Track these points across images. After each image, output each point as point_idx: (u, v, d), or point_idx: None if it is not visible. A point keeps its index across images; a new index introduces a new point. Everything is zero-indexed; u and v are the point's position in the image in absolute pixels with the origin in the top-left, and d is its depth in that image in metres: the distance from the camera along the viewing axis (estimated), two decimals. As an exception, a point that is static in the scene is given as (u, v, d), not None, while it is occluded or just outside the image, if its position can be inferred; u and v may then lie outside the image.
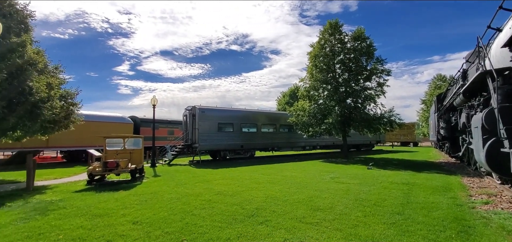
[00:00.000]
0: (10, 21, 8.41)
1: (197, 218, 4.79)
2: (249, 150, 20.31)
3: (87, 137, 16.64)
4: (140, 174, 10.13)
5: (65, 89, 10.41)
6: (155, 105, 15.81)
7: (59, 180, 9.78)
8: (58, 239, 3.84)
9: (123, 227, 4.34)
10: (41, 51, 9.89)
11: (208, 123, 17.97)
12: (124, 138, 10.35)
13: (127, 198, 6.43)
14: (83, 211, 5.26)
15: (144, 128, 21.90)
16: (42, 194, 6.94)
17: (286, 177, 9.71)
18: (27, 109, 8.31)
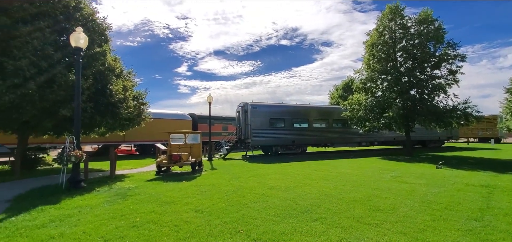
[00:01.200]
0: (93, 34, 9.88)
1: (252, 210, 4.99)
2: (300, 145, 20.06)
3: (155, 132, 18.64)
4: (199, 166, 10.95)
5: (137, 91, 11.84)
6: (211, 103, 16.82)
7: (134, 170, 11.22)
8: (136, 220, 4.45)
9: (187, 214, 4.78)
10: (117, 58, 11.44)
11: (259, 118, 18.33)
12: (185, 134, 11.31)
13: (189, 189, 7.03)
14: (154, 198, 5.96)
15: (201, 124, 23.49)
16: (122, 181, 8.08)
17: (341, 174, 9.33)
18: (108, 109, 9.74)
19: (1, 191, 6.71)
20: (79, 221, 4.45)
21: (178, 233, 3.89)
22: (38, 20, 8.66)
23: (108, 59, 10.41)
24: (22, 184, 7.64)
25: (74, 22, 9.51)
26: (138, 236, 3.77)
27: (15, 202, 5.73)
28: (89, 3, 10.78)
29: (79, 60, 7.14)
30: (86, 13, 10.19)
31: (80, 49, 7.18)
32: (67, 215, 4.77)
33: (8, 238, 3.72)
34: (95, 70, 9.51)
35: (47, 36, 8.43)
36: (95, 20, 10.50)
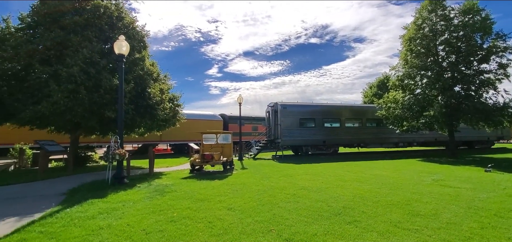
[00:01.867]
0: (133, 41, 10.63)
1: (283, 210, 5.01)
2: (332, 145, 19.54)
3: (188, 132, 19.48)
4: (230, 166, 11.20)
5: (172, 93, 12.49)
6: (241, 103, 17.11)
7: (170, 168, 11.85)
8: (173, 215, 4.72)
9: (220, 212, 4.95)
10: (154, 63, 12.16)
11: (289, 118, 18.22)
12: (216, 134, 11.66)
13: (222, 187, 7.25)
14: (189, 195, 6.25)
15: (231, 124, 23.99)
16: (159, 178, 8.60)
17: (376, 176, 8.93)
18: (147, 111, 10.41)
19: (57, 185, 7.53)
20: (124, 214, 4.84)
21: (212, 229, 4.05)
22: (86, 30, 9.56)
23: (147, 64, 11.12)
24: (74, 179, 8.48)
25: (116, 31, 10.35)
26: (176, 230, 4.00)
27: (69, 195, 6.38)
28: (130, 12, 11.64)
29: (121, 66, 7.74)
30: (127, 22, 11.02)
31: (122, 56, 7.78)
32: (113, 208, 5.20)
33: (64, 228, 4.18)
34: (135, 75, 10.22)
35: (94, 45, 9.28)
36: (135, 28, 11.31)
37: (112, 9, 10.62)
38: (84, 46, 9.01)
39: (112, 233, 3.89)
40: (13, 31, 9.43)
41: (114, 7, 10.81)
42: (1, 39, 9.02)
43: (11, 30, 9.44)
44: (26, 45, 8.78)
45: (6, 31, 9.37)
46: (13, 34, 9.24)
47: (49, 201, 5.82)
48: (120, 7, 11.14)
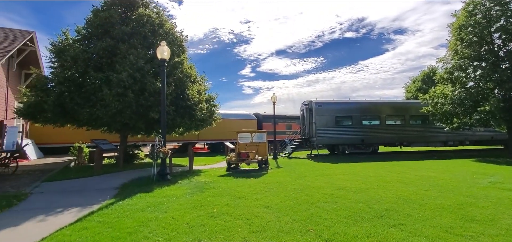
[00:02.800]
0: (173, 46, 11.25)
1: (321, 210, 4.93)
2: (371, 144, 18.60)
3: (223, 131, 20.06)
4: (265, 165, 11.30)
5: (208, 94, 12.97)
6: (275, 102, 17.12)
7: (207, 166, 12.34)
8: (213, 211, 4.93)
9: (258, 209, 5.04)
10: (192, 66, 12.74)
11: (325, 116, 17.76)
12: (251, 133, 11.84)
13: (258, 185, 7.37)
14: (227, 192, 6.46)
15: (265, 123, 24.13)
16: (198, 176, 9.01)
17: (422, 177, 8.32)
18: (186, 111, 10.96)
19: (110, 180, 8.31)
20: (168, 208, 5.18)
21: (251, 226, 4.15)
22: (132, 39, 10.37)
23: (185, 67, 11.70)
24: (124, 174, 9.28)
25: (158, 37, 11.05)
26: (216, 225, 4.18)
27: (121, 189, 7.01)
28: (169, 19, 12.35)
29: (163, 70, 8.27)
30: (167, 28, 11.71)
31: (164, 60, 8.31)
32: (159, 202, 5.60)
33: (118, 219, 4.60)
34: (175, 78, 10.83)
35: (139, 52, 10.03)
36: (174, 33, 11.97)
37: (154, 17, 11.37)
38: (131, 53, 9.79)
39: (159, 225, 4.20)
40: (71, 43, 10.59)
41: (156, 15, 11.56)
42: (62, 50, 10.20)
43: (69, 42, 10.63)
44: (82, 54, 9.82)
45: (66, 43, 10.56)
46: (71, 45, 10.39)
47: (104, 194, 6.45)
48: (161, 15, 11.89)
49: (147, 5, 11.95)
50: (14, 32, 13.19)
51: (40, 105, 9.71)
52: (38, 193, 6.56)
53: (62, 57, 10.05)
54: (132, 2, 11.43)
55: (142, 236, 3.78)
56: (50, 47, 10.30)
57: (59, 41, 10.47)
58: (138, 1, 11.61)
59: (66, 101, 9.40)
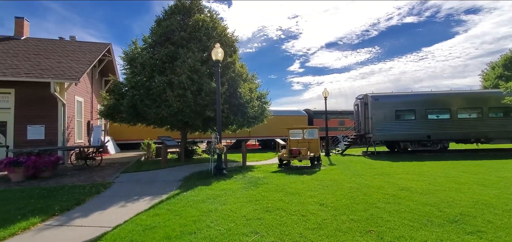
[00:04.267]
0: (225, 47, 11.79)
1: (382, 211, 4.64)
2: (439, 141, 16.58)
3: (274, 128, 20.24)
4: (318, 161, 11.06)
5: (259, 92, 13.25)
6: (327, 97, 16.57)
7: (259, 162, 12.65)
8: (268, 206, 5.06)
9: (312, 207, 5.00)
10: (244, 65, 13.16)
11: (383, 111, 16.48)
12: (303, 129, 11.71)
13: (311, 182, 7.28)
14: (280, 188, 6.56)
15: (316, 119, 23.53)
16: (252, 171, 9.32)
17: (506, 179, 7.12)
18: (239, 109, 11.40)
19: (174, 173, 9.18)
20: (226, 201, 5.51)
21: (306, 223, 4.15)
22: (190, 43, 11.21)
23: (237, 67, 12.16)
24: (185, 168, 10.15)
25: (212, 39, 11.70)
26: (272, 220, 4.30)
27: (183, 182, 7.69)
28: (221, 20, 12.97)
29: (218, 70, 8.75)
30: (220, 30, 12.31)
31: (218, 62, 8.79)
32: (217, 195, 5.99)
33: (184, 208, 5.08)
34: (228, 77, 11.35)
35: (196, 55, 10.80)
36: (226, 35, 12.52)
37: (208, 21, 12.09)
38: (189, 56, 10.60)
39: (219, 216, 4.51)
40: (139, 51, 11.96)
41: (209, 19, 12.27)
42: (132, 58, 11.59)
43: (138, 50, 12.01)
44: (149, 61, 11.02)
45: (135, 51, 11.97)
46: (140, 53, 11.73)
47: (170, 185, 7.18)
48: (214, 18, 12.57)
49: (201, 10, 12.75)
50: (95, 45, 15.48)
51: (117, 107, 11.23)
52: (118, 182, 7.64)
53: (133, 65, 11.44)
54: (189, 9, 12.34)
55: (205, 225, 4.11)
56: (123, 56, 11.81)
57: (130, 51, 11.93)
58: (194, 7, 12.46)
59: (137, 103, 10.68)
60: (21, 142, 10.32)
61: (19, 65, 10.95)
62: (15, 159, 7.70)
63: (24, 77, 10.23)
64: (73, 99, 12.28)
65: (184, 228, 3.98)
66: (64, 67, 11.50)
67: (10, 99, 10.55)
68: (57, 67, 11.35)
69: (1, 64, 10.80)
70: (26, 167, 7.60)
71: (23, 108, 10.55)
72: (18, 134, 10.44)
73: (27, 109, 10.56)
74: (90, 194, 6.22)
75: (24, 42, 13.49)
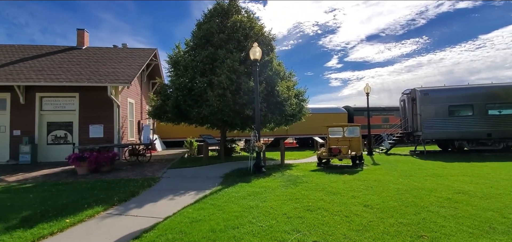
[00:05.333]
0: (262, 46, 11.85)
1: (435, 216, 4.29)
2: (501, 139, 14.66)
3: (312, 126, 19.84)
4: (360, 161, 10.57)
5: (297, 89, 13.10)
6: (369, 93, 15.73)
7: (297, 160, 12.53)
8: (309, 205, 5.01)
9: (356, 208, 4.82)
10: (281, 63, 13.13)
11: (433, 106, 15.11)
12: (343, 127, 11.29)
13: (353, 182, 7.01)
14: (321, 187, 6.43)
15: (357, 116, 22.47)
16: (290, 170, 9.29)
17: None
18: (276, 107, 11.43)
19: (215, 169, 9.57)
20: (266, 198, 5.59)
21: (350, 224, 4.03)
22: (228, 44, 11.53)
23: (274, 65, 12.19)
24: (225, 166, 10.50)
25: (249, 39, 11.89)
26: (313, 219, 4.25)
27: (224, 178, 7.98)
28: (257, 20, 13.09)
29: (256, 69, 8.88)
30: (257, 30, 12.44)
31: (256, 61, 8.91)
32: (257, 192, 6.11)
33: (226, 203, 5.28)
34: (266, 76, 11.44)
35: (234, 55, 11.08)
36: (263, 34, 12.61)
37: (245, 21, 12.30)
38: (227, 57, 10.92)
39: (260, 213, 4.60)
40: (182, 54, 12.67)
41: (246, 19, 12.47)
42: (176, 62, 12.33)
43: (181, 54, 12.73)
44: (191, 63, 11.61)
45: (179, 55, 12.71)
46: (183, 56, 12.42)
47: (212, 181, 7.51)
48: (251, 18, 12.75)
49: (239, 11, 13.01)
50: (143, 51, 16.79)
51: (163, 108, 12.06)
52: (166, 177, 8.23)
53: (176, 67, 12.17)
54: (227, 11, 12.69)
55: (247, 220, 4.23)
56: (168, 60, 12.63)
57: (174, 54, 12.70)
58: (232, 8, 12.78)
59: (181, 104, 11.35)
60: (84, 140, 11.69)
61: (82, 72, 12.40)
62: (80, 154, 8.76)
63: (86, 83, 11.56)
64: (126, 101, 13.52)
65: (227, 222, 4.15)
66: (118, 72, 12.72)
67: (75, 102, 12.02)
68: (113, 73, 12.59)
69: (68, 72, 12.34)
70: (89, 162, 8.60)
71: (86, 110, 11.94)
72: (82, 133, 11.85)
73: (89, 110, 11.92)
74: (142, 187, 6.81)
75: (85, 51, 15.21)
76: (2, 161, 11.34)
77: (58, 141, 11.99)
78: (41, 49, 14.83)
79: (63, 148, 11.71)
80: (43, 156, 11.68)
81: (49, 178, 8.32)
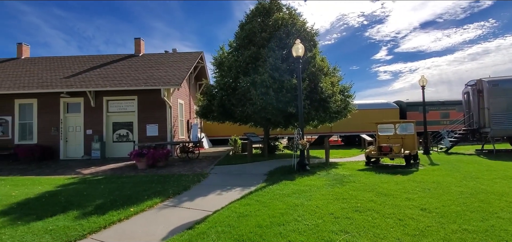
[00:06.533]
0: (305, 42, 11.64)
1: (507, 223, 3.78)
2: None
3: (358, 123, 18.85)
4: (415, 160, 9.74)
5: (342, 85, 12.59)
6: (424, 86, 14.35)
7: (343, 159, 12.06)
8: (357, 205, 4.82)
9: (411, 211, 4.48)
10: (324, 58, 12.75)
11: (505, 99, 13.14)
12: (395, 123, 10.51)
13: (407, 183, 6.51)
14: (370, 188, 6.12)
15: (410, 112, 20.68)
16: (336, 168, 9.00)
17: None
18: (320, 104, 11.15)
19: (259, 167, 9.76)
20: (311, 197, 5.53)
21: (405, 228, 3.77)
22: (270, 43, 11.61)
23: (317, 61, 11.89)
24: (269, 163, 10.63)
25: (291, 36, 11.80)
26: (363, 221, 4.08)
27: (268, 176, 8.10)
28: (299, 16, 12.91)
29: (299, 66, 8.78)
30: (299, 26, 12.28)
31: (299, 57, 8.81)
32: (301, 190, 6.08)
33: (271, 200, 5.37)
34: (308, 72, 11.24)
35: (276, 53, 11.12)
36: (306, 29, 12.40)
37: (287, 18, 12.23)
38: (270, 55, 11.02)
39: (305, 211, 4.58)
40: (226, 55, 13.16)
41: (288, 16, 12.39)
42: (221, 63, 12.87)
43: (225, 55, 13.23)
44: (234, 63, 12.00)
45: (223, 56, 13.23)
46: (226, 57, 12.90)
47: (257, 178, 7.69)
48: (292, 15, 12.63)
49: (280, 9, 12.99)
50: (190, 54, 17.86)
51: (209, 107, 12.71)
52: (213, 173, 8.69)
53: (221, 68, 12.70)
54: (268, 10, 12.77)
55: (292, 218, 4.25)
56: (213, 61, 13.25)
57: (218, 56, 13.27)
58: (273, 7, 12.82)
59: (226, 103, 11.82)
60: (142, 138, 12.96)
61: (139, 77, 13.74)
62: (140, 151, 9.75)
63: (143, 86, 12.79)
64: (177, 102, 14.58)
65: (273, 219, 4.23)
66: (169, 75, 13.79)
67: (134, 104, 13.39)
68: (165, 76, 13.69)
69: (128, 77, 13.80)
70: (147, 158, 9.53)
71: (143, 111, 13.22)
72: (140, 131, 13.15)
73: (145, 111, 13.18)
74: (193, 182, 7.31)
75: (141, 58, 16.80)
76: (78, 156, 13.21)
77: (121, 139, 13.51)
78: (106, 58, 16.82)
79: (125, 145, 13.17)
80: (110, 152, 13.28)
81: (115, 171, 9.46)
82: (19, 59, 17.39)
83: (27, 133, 13.49)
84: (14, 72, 15.15)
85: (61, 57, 17.54)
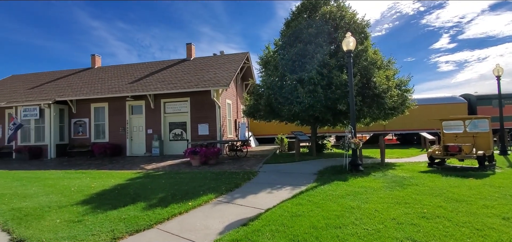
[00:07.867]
0: (355, 35, 10.99)
1: None
2: None
3: (416, 120, 17.14)
4: (490, 162, 8.46)
5: (398, 79, 11.57)
6: (500, 77, 12.38)
7: (400, 159, 11.09)
8: (423, 211, 4.37)
9: (491, 220, 3.90)
10: (377, 51, 11.89)
11: None
12: (464, 120, 9.28)
13: (483, 188, 5.69)
14: (437, 192, 5.50)
15: (481, 106, 18.04)
16: (393, 169, 8.31)
17: None
18: (374, 100, 10.43)
19: (308, 166, 9.56)
20: (368, 199, 5.19)
21: (485, 239, 3.29)
22: (317, 38, 11.24)
23: (370, 54, 11.15)
24: (318, 162, 10.34)
25: (340, 30, 11.28)
26: (432, 229, 3.68)
27: (318, 175, 7.87)
28: (348, 7, 12.24)
29: (350, 61, 8.33)
30: (348, 18, 11.66)
31: (350, 52, 8.36)
32: (356, 192, 5.76)
33: (324, 201, 5.20)
34: (360, 67, 10.60)
35: (324, 49, 10.74)
36: (356, 21, 11.72)
37: (335, 11, 11.70)
38: (317, 51, 10.69)
39: (363, 215, 4.32)
40: (272, 54, 13.18)
41: (336, 9, 11.85)
42: (267, 62, 12.93)
43: (271, 54, 13.26)
44: (281, 61, 11.94)
45: (269, 55, 13.28)
46: (272, 56, 12.91)
47: (307, 178, 7.55)
48: (341, 7, 12.04)
49: (327, 2, 12.49)
50: (237, 55, 18.36)
51: (256, 107, 12.90)
52: (262, 172, 8.80)
53: (267, 67, 12.77)
54: (315, 5, 12.39)
55: (349, 221, 4.05)
56: (259, 61, 13.40)
57: (264, 55, 13.36)
58: (320, 1, 12.39)
59: (272, 102, 11.85)
60: (195, 137, 13.80)
61: (191, 79, 14.65)
62: (193, 149, 10.40)
63: (195, 88, 13.61)
64: (225, 102, 15.16)
65: (328, 221, 4.09)
66: (218, 77, 14.40)
67: (187, 105, 14.33)
68: (214, 78, 14.35)
69: (181, 80, 14.82)
70: (200, 155, 10.11)
71: (195, 111, 14.07)
72: (193, 131, 14.03)
73: (197, 112, 14.00)
74: (243, 179, 7.51)
75: (192, 62, 17.89)
76: (141, 153, 14.67)
77: (176, 138, 14.59)
78: (162, 64, 18.33)
79: (180, 144, 14.19)
80: (167, 150, 14.45)
81: (172, 167, 10.26)
82: (93, 68, 20.09)
83: (101, 132, 15.48)
84: (90, 80, 17.53)
85: (125, 65, 19.72)
